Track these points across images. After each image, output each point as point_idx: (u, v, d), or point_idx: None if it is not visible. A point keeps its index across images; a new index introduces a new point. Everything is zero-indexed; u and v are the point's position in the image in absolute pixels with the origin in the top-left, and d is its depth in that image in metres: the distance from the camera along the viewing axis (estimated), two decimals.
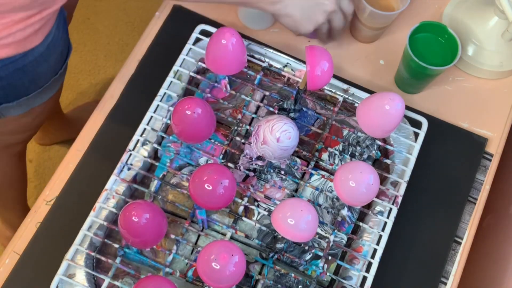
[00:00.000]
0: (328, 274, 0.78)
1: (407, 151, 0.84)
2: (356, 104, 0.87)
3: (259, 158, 0.82)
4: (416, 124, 0.86)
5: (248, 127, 0.85)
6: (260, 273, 0.79)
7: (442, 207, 0.86)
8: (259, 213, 0.82)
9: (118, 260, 0.76)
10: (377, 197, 0.81)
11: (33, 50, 0.78)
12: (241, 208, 0.79)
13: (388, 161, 0.84)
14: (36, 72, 0.83)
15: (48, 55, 0.82)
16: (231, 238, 0.80)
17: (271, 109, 0.85)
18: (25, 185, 1.29)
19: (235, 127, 0.85)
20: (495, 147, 0.90)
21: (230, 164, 0.81)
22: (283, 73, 0.88)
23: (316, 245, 0.81)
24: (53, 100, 0.98)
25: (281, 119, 0.75)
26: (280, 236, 0.80)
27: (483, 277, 0.98)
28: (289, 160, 0.85)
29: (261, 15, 0.92)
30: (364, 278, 0.77)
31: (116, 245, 0.76)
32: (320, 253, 0.78)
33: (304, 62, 0.88)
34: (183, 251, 0.80)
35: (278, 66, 0.89)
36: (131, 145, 0.81)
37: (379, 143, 0.84)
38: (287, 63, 0.89)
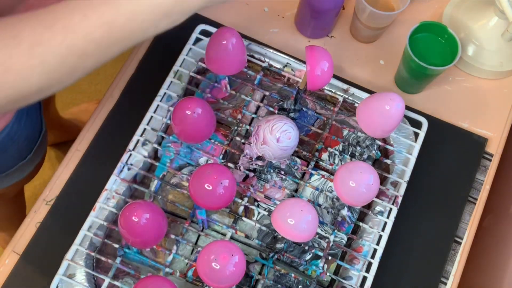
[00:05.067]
0: (328, 274, 0.78)
1: (407, 151, 0.84)
2: (356, 104, 0.87)
3: (259, 158, 0.82)
4: (416, 124, 0.86)
5: (248, 127, 0.85)
6: (260, 273, 0.79)
7: (442, 207, 0.86)
8: (259, 213, 0.82)
9: (118, 260, 0.76)
10: (377, 197, 0.81)
11: None
12: (241, 208, 0.79)
13: (388, 161, 0.84)
14: None
15: (3, 148, 0.78)
16: (231, 238, 0.80)
17: (271, 109, 0.85)
18: (24, 215, 1.28)
19: (235, 127, 0.85)
20: (495, 147, 0.90)
21: (230, 164, 0.81)
22: (283, 73, 0.88)
23: (316, 245, 0.81)
24: (25, 179, 0.93)
25: (281, 119, 0.75)
26: (280, 236, 0.80)
27: (483, 277, 0.98)
28: (289, 160, 0.85)
29: None
30: (364, 278, 0.77)
31: (116, 245, 0.76)
32: (320, 253, 0.78)
33: (304, 62, 0.88)
34: (183, 251, 0.80)
35: (278, 66, 0.89)
36: (131, 145, 0.81)
37: (379, 143, 0.84)
38: (287, 63, 0.89)
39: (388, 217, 0.80)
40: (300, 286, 0.79)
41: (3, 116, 0.73)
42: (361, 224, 0.80)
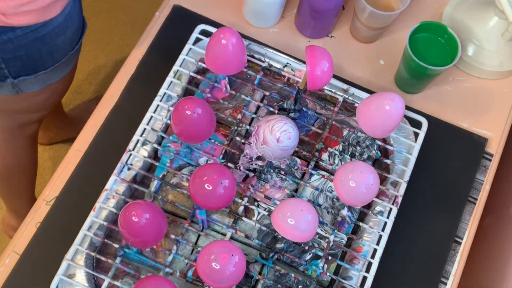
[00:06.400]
0: (328, 274, 0.78)
1: (407, 151, 0.84)
2: (356, 104, 0.87)
3: (259, 158, 0.82)
4: (416, 124, 0.86)
5: (248, 127, 0.85)
6: (260, 273, 0.79)
7: (442, 207, 0.86)
8: (259, 213, 0.82)
9: (118, 260, 0.76)
10: (377, 197, 0.81)
11: (52, 20, 0.80)
12: (241, 208, 0.79)
13: (388, 161, 0.84)
14: (54, 43, 0.85)
15: (65, 27, 0.84)
16: (231, 238, 0.80)
17: (271, 109, 0.85)
18: (35, 172, 1.29)
19: (235, 127, 0.85)
20: (495, 147, 0.90)
21: (230, 164, 0.81)
22: (283, 73, 0.88)
23: (316, 245, 0.81)
24: (68, 79, 1.00)
25: (281, 119, 0.75)
26: (280, 236, 0.80)
27: (483, 277, 0.98)
28: (289, 160, 0.85)
29: (266, 12, 0.92)
30: (364, 278, 0.77)
31: (116, 245, 0.76)
32: (320, 253, 0.78)
33: (304, 62, 0.88)
34: (183, 251, 0.80)
35: (278, 66, 0.89)
36: (131, 145, 0.81)
37: (379, 143, 0.84)
38: (287, 63, 0.89)
39: (388, 217, 0.80)
40: (300, 286, 0.79)
41: None
42: (361, 224, 0.80)
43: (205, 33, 0.88)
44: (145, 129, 0.82)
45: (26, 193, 1.30)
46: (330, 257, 0.78)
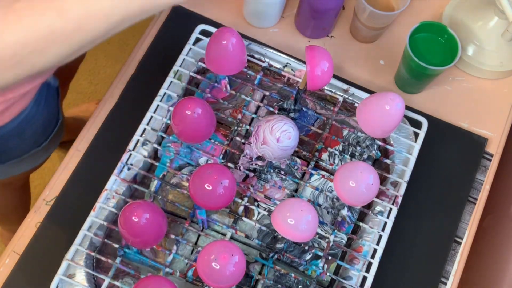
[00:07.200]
0: (328, 274, 0.78)
1: (407, 151, 0.84)
2: (356, 104, 0.87)
3: (259, 158, 0.82)
4: (416, 124, 0.86)
5: (248, 127, 0.85)
6: (260, 273, 0.79)
7: (442, 207, 0.86)
8: (259, 213, 0.82)
9: (118, 260, 0.76)
10: (377, 197, 0.81)
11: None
12: (241, 208, 0.79)
13: (388, 161, 0.84)
14: (6, 146, 0.79)
15: (20, 131, 0.77)
16: (231, 238, 0.80)
17: (271, 109, 0.85)
18: (29, 206, 1.28)
19: (235, 127, 0.85)
20: (495, 147, 0.90)
21: (230, 164, 0.81)
22: (283, 73, 0.88)
23: (316, 245, 0.81)
24: (39, 165, 0.93)
25: (281, 119, 0.75)
26: (280, 236, 0.80)
27: (483, 277, 0.98)
28: (289, 160, 0.85)
29: (266, 12, 0.92)
30: (364, 278, 0.77)
31: (116, 245, 0.76)
32: (320, 253, 0.78)
33: (304, 62, 0.88)
34: (183, 251, 0.80)
35: (278, 66, 0.89)
36: (131, 145, 0.81)
37: (379, 143, 0.84)
38: (287, 63, 0.89)
39: (388, 217, 0.80)
40: (300, 286, 0.79)
41: (22, 98, 0.73)
42: (361, 224, 0.80)
43: (205, 33, 0.88)
44: (145, 129, 0.82)
45: (22, 216, 1.30)
46: (330, 257, 0.78)
